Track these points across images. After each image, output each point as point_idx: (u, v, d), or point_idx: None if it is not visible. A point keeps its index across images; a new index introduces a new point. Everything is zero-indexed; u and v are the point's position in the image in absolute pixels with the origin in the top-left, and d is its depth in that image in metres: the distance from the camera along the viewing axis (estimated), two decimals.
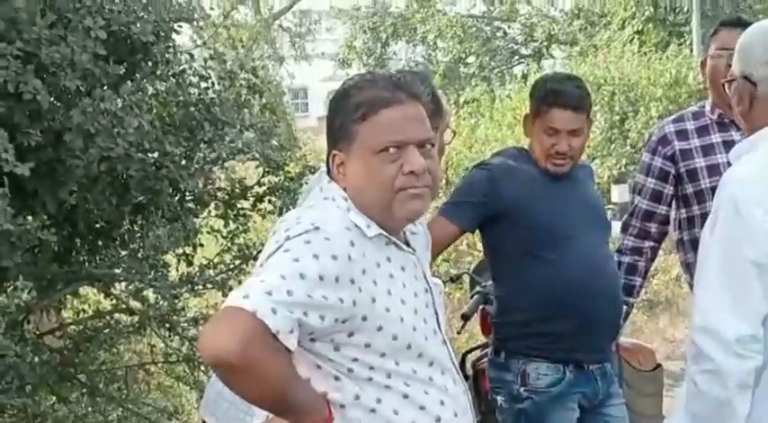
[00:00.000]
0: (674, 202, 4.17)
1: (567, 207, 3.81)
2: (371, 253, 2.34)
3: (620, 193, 11.26)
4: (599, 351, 3.84)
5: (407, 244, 2.49)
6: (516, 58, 25.93)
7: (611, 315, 3.87)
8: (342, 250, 2.25)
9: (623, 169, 12.92)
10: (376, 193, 2.38)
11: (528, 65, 24.45)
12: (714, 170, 4.03)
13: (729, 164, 3.99)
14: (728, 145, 4.03)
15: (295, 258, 2.20)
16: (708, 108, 4.14)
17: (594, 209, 3.99)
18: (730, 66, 3.97)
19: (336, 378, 2.31)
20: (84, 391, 6.16)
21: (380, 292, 2.32)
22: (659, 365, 4.58)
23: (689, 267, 4.16)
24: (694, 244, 4.09)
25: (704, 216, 4.01)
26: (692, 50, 17.71)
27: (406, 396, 2.36)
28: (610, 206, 12.65)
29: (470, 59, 25.58)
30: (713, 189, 3.99)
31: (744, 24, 4.08)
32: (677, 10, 21.34)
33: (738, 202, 2.39)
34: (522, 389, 3.71)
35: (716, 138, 4.08)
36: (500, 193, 3.72)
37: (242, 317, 2.11)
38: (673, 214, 4.20)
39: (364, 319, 2.28)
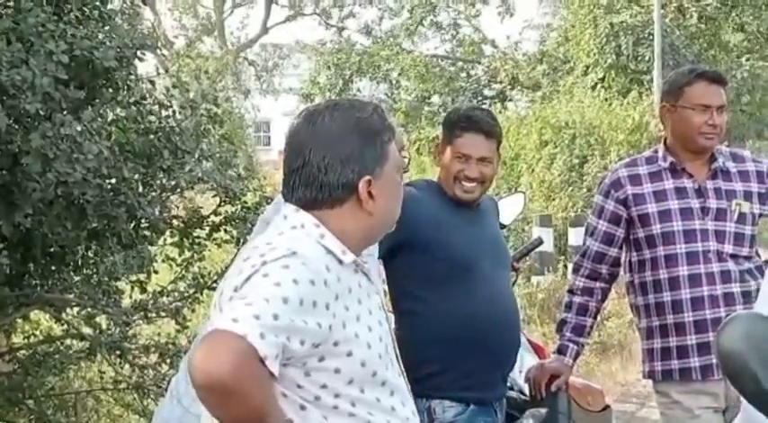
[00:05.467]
0: (625, 244, 4.21)
1: (474, 239, 3.83)
2: (344, 278, 2.37)
3: (576, 236, 11.33)
4: (498, 388, 3.89)
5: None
6: (479, 99, 26.11)
7: (510, 352, 3.91)
8: (318, 275, 2.28)
9: (580, 212, 13.02)
10: (399, 207, 2.55)
11: (490, 106, 24.62)
12: (665, 216, 4.07)
13: (681, 210, 4.08)
14: (680, 192, 4.10)
15: (276, 283, 2.22)
16: (660, 154, 4.18)
17: (498, 244, 4.03)
18: (712, 125, 4.04)
19: (302, 407, 2.32)
20: (32, 417, 6.10)
21: (351, 317, 2.35)
22: (608, 406, 4.60)
23: (638, 310, 4.21)
24: (644, 287, 4.14)
25: (655, 260, 4.09)
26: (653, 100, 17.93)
27: None
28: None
29: (434, 99, 25.74)
30: (664, 234, 4.06)
31: (721, 81, 4.13)
32: (639, 58, 21.59)
33: None
34: None
35: (668, 184, 4.12)
36: (402, 222, 3.69)
37: (234, 341, 2.13)
38: (624, 257, 4.24)
39: (336, 344, 2.31)
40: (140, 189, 5.23)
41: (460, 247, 3.77)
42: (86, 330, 5.81)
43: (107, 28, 5.17)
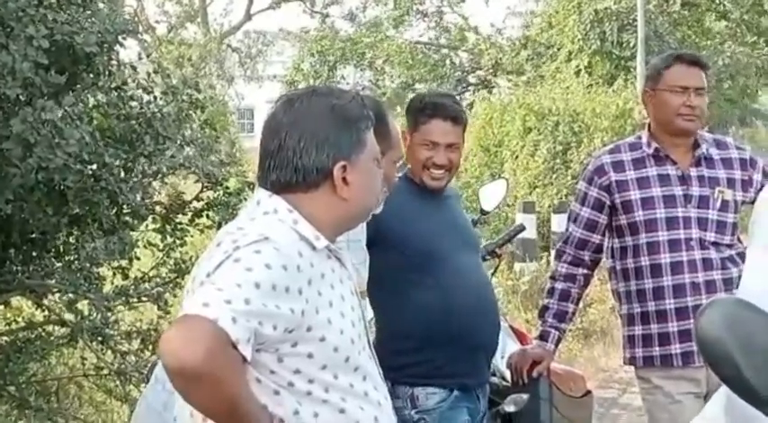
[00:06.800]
0: (607, 231, 4.22)
1: (444, 227, 3.84)
2: (317, 264, 2.37)
3: (559, 223, 11.33)
4: (480, 374, 3.90)
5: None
6: (463, 85, 26.11)
7: (490, 338, 3.91)
8: (291, 260, 2.29)
9: (564, 199, 13.04)
10: (375, 197, 2.55)
11: (474, 93, 24.64)
12: (648, 203, 4.08)
13: (664, 197, 4.08)
14: (663, 179, 4.11)
15: (248, 268, 2.22)
16: (644, 140, 4.19)
17: (467, 230, 4.04)
18: (690, 106, 4.06)
19: (276, 392, 2.32)
20: (14, 403, 6.07)
21: (324, 303, 2.36)
22: (589, 392, 4.62)
23: (620, 296, 4.22)
24: (626, 273, 4.16)
25: (637, 247, 4.10)
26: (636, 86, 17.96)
27: (342, 411, 2.39)
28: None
29: (418, 86, 25.71)
30: (647, 221, 4.07)
31: (700, 64, 4.15)
32: (623, 45, 21.64)
33: None
34: (413, 412, 3.70)
35: (651, 171, 4.13)
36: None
37: (205, 325, 2.13)
38: (606, 243, 4.25)
39: (309, 329, 2.31)
40: (122, 175, 5.20)
41: (433, 236, 3.78)
42: (68, 316, 5.78)
43: (88, 13, 5.12)
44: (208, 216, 5.80)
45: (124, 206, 5.30)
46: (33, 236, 5.32)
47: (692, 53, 4.33)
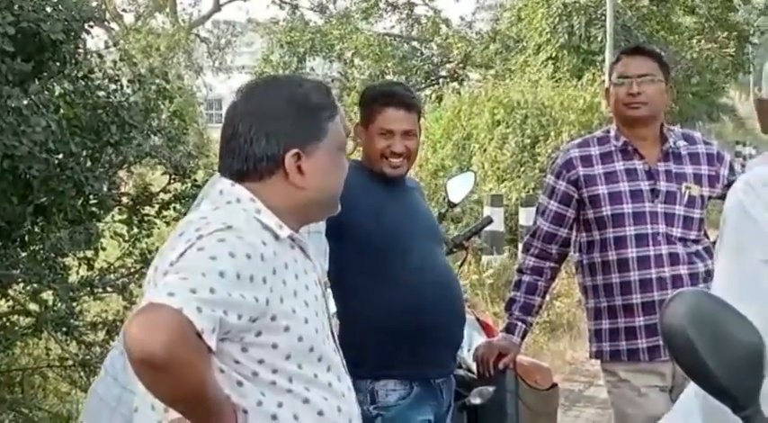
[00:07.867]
0: (575, 225, 4.23)
1: (407, 218, 3.84)
2: (281, 253, 2.36)
3: (527, 216, 11.36)
4: (444, 365, 3.88)
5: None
6: (432, 78, 26.12)
7: (454, 328, 3.90)
8: (255, 249, 2.27)
9: (532, 192, 13.06)
10: (337, 187, 2.53)
11: (444, 86, 24.64)
12: (615, 198, 4.09)
13: (631, 192, 4.09)
14: (631, 173, 4.12)
15: (212, 256, 2.21)
16: (612, 134, 4.21)
17: (428, 220, 4.04)
18: (631, 94, 4.09)
19: (240, 383, 2.30)
20: None
21: (288, 292, 2.34)
22: (555, 384, 4.63)
23: (586, 290, 4.23)
24: (593, 268, 4.17)
25: (604, 241, 4.11)
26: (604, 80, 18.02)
27: (306, 401, 2.37)
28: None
29: (388, 78, 25.68)
30: (614, 216, 4.08)
31: (643, 52, 4.21)
32: (591, 39, 21.71)
33: (745, 205, 2.35)
34: (371, 407, 3.67)
35: (619, 165, 4.14)
36: None
37: (169, 314, 2.10)
38: (574, 237, 4.26)
39: (273, 318, 2.30)
40: (88, 164, 5.17)
41: (397, 228, 3.77)
42: (32, 307, 5.75)
43: (55, 0, 5.09)
44: (175, 208, 5.78)
45: (90, 196, 5.27)
46: None
47: (638, 43, 4.39)
